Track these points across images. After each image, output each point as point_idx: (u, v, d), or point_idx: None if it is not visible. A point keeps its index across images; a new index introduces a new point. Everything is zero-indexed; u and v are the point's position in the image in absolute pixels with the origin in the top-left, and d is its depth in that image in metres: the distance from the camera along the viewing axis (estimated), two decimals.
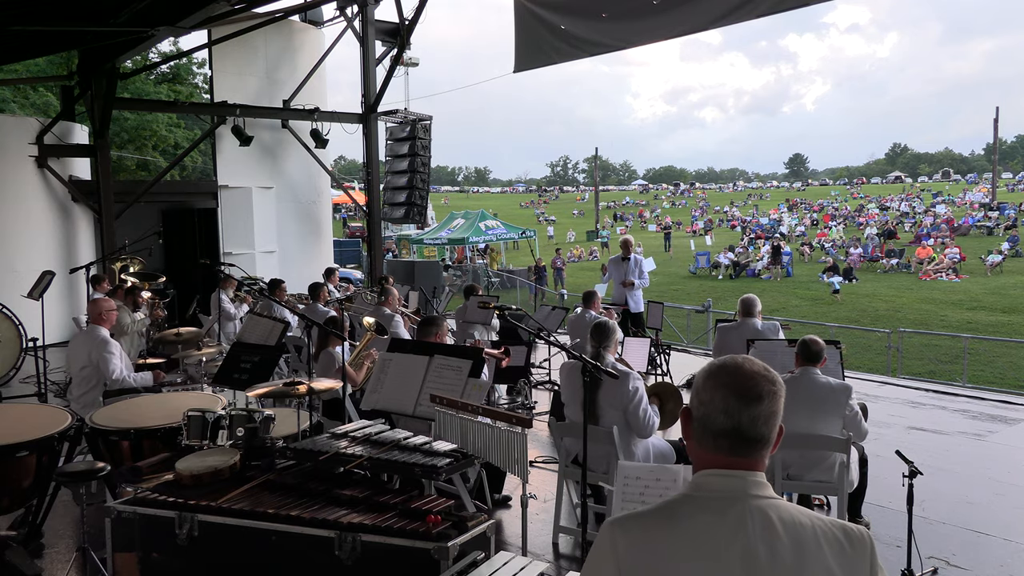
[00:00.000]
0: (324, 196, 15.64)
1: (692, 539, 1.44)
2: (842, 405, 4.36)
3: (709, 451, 1.52)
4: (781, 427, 1.55)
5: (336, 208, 39.60)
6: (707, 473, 1.52)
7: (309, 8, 14.46)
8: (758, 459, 1.51)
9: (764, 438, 1.50)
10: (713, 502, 1.47)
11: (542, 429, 6.41)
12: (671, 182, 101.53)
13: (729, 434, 1.49)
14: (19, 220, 11.94)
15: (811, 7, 9.03)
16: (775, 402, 1.51)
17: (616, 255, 9.77)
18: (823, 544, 1.44)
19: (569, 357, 4.61)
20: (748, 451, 1.50)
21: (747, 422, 1.48)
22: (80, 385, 5.63)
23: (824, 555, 1.43)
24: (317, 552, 2.98)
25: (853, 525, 1.51)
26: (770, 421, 1.50)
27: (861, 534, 1.48)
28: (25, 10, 8.61)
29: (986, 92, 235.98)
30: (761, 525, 1.44)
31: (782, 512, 1.47)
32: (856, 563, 1.45)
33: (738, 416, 1.48)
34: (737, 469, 1.49)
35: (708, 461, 1.52)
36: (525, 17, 11.25)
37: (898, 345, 11.94)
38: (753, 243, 33.84)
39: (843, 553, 1.45)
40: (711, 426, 1.51)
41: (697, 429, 1.54)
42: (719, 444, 1.50)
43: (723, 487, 1.48)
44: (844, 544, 1.46)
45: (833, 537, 1.46)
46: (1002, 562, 4.42)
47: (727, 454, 1.50)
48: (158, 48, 24.00)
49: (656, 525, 1.48)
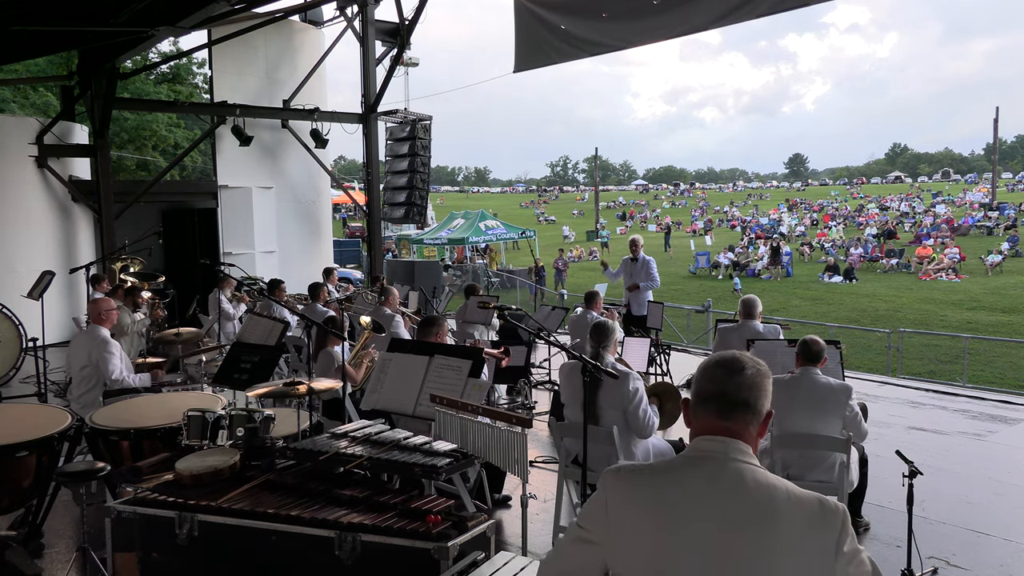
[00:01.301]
0: (324, 196, 15.64)
1: (670, 483, 1.64)
2: (842, 405, 4.36)
3: (700, 418, 1.71)
4: (771, 412, 1.71)
5: (336, 208, 39.61)
6: (698, 439, 1.71)
7: (309, 8, 14.45)
8: (743, 426, 1.67)
9: (747, 403, 1.68)
10: (697, 459, 1.66)
11: (542, 429, 6.41)
12: (671, 182, 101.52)
13: (716, 397, 1.69)
14: (19, 220, 11.94)
15: (811, 7, 9.03)
16: (759, 376, 1.70)
17: (627, 256, 9.58)
18: (794, 507, 1.57)
19: (569, 357, 4.62)
20: (733, 415, 1.67)
21: (732, 387, 1.68)
22: (80, 385, 5.62)
23: (794, 516, 1.56)
24: (317, 552, 2.98)
25: (831, 498, 1.62)
26: (754, 390, 1.68)
27: (836, 505, 1.60)
28: (25, 10, 8.60)
29: (986, 92, 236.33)
30: (734, 481, 1.60)
31: (757, 475, 1.61)
32: (826, 528, 1.56)
33: (724, 383, 1.69)
34: (722, 435, 1.67)
35: (699, 428, 1.71)
36: (525, 17, 11.25)
37: (898, 345, 11.95)
38: (753, 243, 33.84)
39: (814, 517, 1.57)
40: (701, 393, 1.72)
41: (692, 403, 1.75)
42: (708, 408, 1.70)
43: (708, 448, 1.67)
44: (817, 511, 1.58)
45: (807, 503, 1.59)
46: (1002, 562, 4.42)
47: (715, 418, 1.68)
48: (158, 48, 24.03)
49: (645, 472, 1.70)
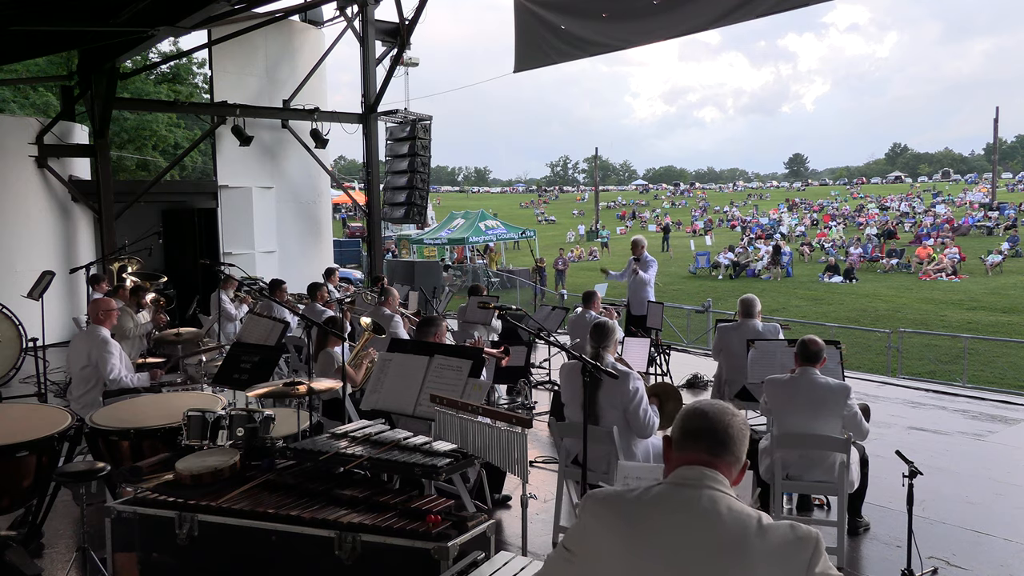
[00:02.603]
0: (324, 196, 15.64)
1: (647, 507, 1.74)
2: (841, 405, 4.36)
3: (686, 451, 1.82)
4: (746, 462, 1.85)
5: (336, 208, 39.57)
6: (680, 468, 1.81)
7: (309, 8, 14.45)
8: (726, 465, 1.79)
9: (733, 446, 1.80)
10: (674, 486, 1.77)
11: (542, 429, 6.41)
12: (671, 182, 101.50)
13: (705, 434, 1.81)
14: (19, 220, 11.93)
15: (811, 7, 9.03)
16: (735, 423, 1.82)
17: (631, 257, 9.71)
18: (766, 534, 1.64)
19: (569, 357, 4.61)
20: (719, 452, 1.79)
21: (721, 428, 1.81)
22: (80, 385, 5.62)
23: (766, 543, 1.63)
24: (317, 552, 2.98)
25: (803, 526, 1.70)
26: (738, 439, 1.81)
27: (808, 531, 1.68)
28: (25, 10, 8.60)
29: (986, 92, 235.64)
30: (708, 509, 1.69)
31: (732, 504, 1.70)
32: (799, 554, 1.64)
33: (713, 423, 1.82)
34: (699, 465, 1.78)
35: (681, 460, 1.82)
36: (525, 17, 11.25)
37: (898, 345, 11.94)
38: (753, 243, 33.83)
39: (787, 545, 1.64)
40: (689, 430, 1.84)
41: (678, 439, 1.86)
42: (696, 443, 1.81)
43: (688, 475, 1.78)
44: (790, 538, 1.65)
45: (779, 530, 1.66)
46: (1002, 562, 4.42)
47: (702, 452, 1.79)
48: (158, 48, 24.05)
49: (625, 496, 1.78)
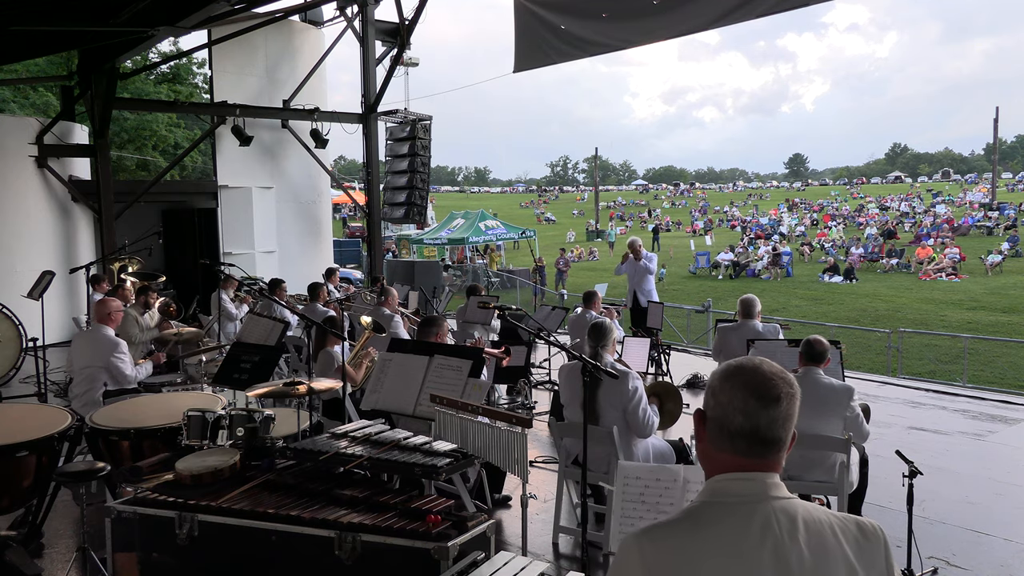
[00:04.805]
0: (324, 196, 15.64)
1: (721, 543, 1.43)
2: (844, 406, 4.37)
3: (726, 452, 1.51)
4: (795, 432, 1.54)
5: (336, 208, 39.58)
6: (724, 478, 1.51)
7: (309, 8, 14.45)
8: (774, 461, 1.51)
9: (780, 440, 1.50)
10: (737, 507, 1.47)
11: (542, 429, 6.41)
12: (671, 182, 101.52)
13: (747, 435, 1.48)
14: (19, 220, 11.93)
15: (811, 7, 9.02)
16: (792, 405, 1.50)
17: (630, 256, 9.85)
18: (842, 539, 1.47)
19: (569, 357, 4.61)
20: (764, 452, 1.49)
21: (765, 424, 1.48)
22: (80, 385, 5.61)
23: (845, 550, 1.46)
24: (317, 552, 2.98)
25: (865, 519, 1.53)
26: (787, 424, 1.50)
27: (874, 527, 1.52)
28: (25, 10, 8.60)
29: (986, 92, 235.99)
30: (787, 526, 1.44)
31: (801, 511, 1.47)
32: (873, 555, 1.49)
33: (756, 417, 1.47)
34: (754, 471, 1.49)
35: (724, 464, 1.51)
36: (525, 17, 11.24)
37: (898, 345, 11.94)
38: (753, 243, 33.83)
39: (859, 546, 1.47)
40: (728, 426, 1.49)
41: (713, 430, 1.53)
42: (736, 445, 1.49)
43: (743, 491, 1.48)
44: (859, 537, 1.48)
45: (849, 531, 1.48)
46: (1002, 562, 4.42)
47: (744, 456, 1.49)
48: (158, 48, 24.03)
49: (683, 532, 1.46)
